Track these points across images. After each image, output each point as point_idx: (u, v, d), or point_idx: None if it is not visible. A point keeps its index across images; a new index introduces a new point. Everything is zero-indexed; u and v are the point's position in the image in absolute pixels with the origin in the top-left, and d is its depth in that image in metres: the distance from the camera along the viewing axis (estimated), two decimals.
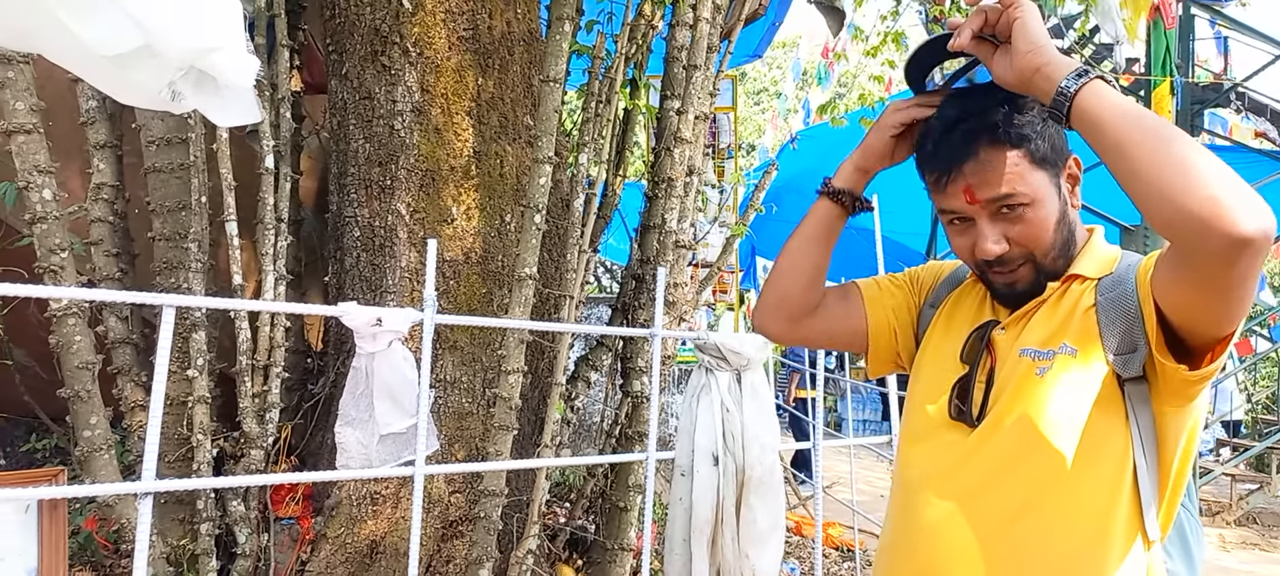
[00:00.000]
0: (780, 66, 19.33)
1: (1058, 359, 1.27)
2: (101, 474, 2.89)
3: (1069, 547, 1.23)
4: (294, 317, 3.66)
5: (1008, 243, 1.31)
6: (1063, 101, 1.12)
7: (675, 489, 2.52)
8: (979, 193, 1.30)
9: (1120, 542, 1.23)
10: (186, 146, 3.22)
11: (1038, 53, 1.15)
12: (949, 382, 1.38)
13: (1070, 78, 1.12)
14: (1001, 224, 1.30)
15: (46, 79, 2.99)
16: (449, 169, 3.43)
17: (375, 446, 2.13)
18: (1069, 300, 1.32)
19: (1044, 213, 1.30)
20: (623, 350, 3.67)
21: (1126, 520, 1.23)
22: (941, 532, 1.31)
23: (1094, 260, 1.35)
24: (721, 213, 7.09)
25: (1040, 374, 1.27)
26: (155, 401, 1.81)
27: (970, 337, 1.39)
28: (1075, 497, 1.23)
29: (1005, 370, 1.32)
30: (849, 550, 5.63)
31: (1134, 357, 1.23)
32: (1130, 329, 1.23)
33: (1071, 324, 1.29)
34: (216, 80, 1.72)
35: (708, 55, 3.49)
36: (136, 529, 1.80)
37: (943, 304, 1.52)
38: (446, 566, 3.24)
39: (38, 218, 2.79)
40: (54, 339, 2.87)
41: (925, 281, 1.60)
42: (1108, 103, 1.10)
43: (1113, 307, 1.26)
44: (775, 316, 1.60)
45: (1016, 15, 1.18)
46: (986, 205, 1.30)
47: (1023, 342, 1.32)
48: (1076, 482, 1.23)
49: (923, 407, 1.42)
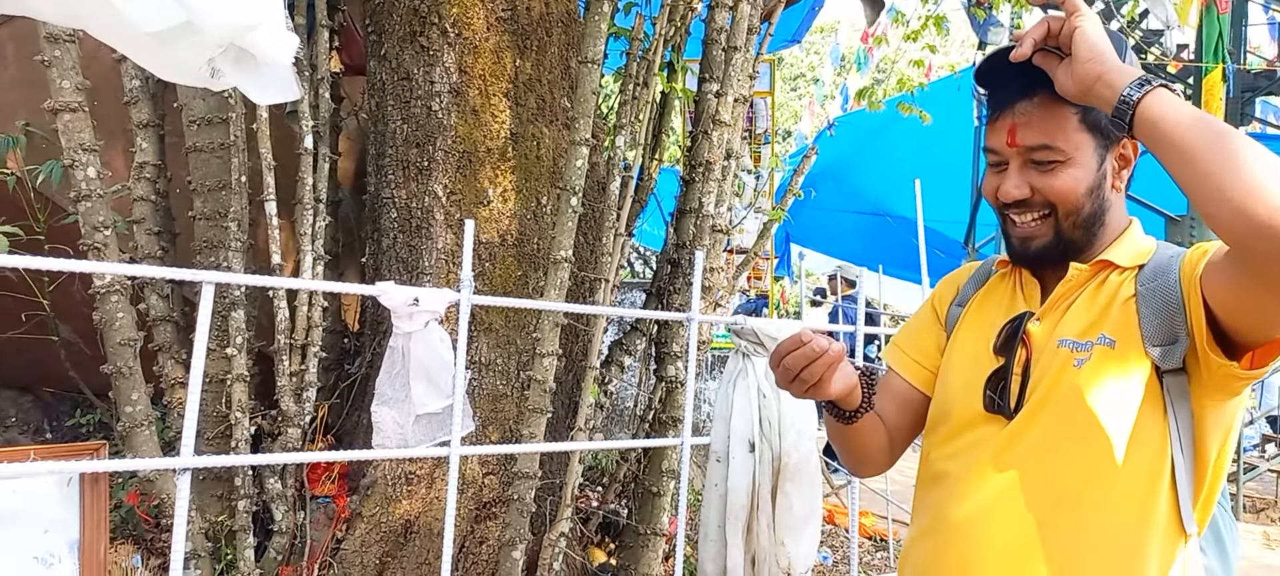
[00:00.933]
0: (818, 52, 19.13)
1: (1096, 350, 1.25)
2: (142, 449, 2.93)
3: (1108, 540, 1.21)
4: (331, 297, 3.69)
5: (1032, 191, 1.30)
6: (1125, 110, 1.11)
7: (711, 475, 2.50)
8: (1020, 136, 1.30)
9: (1159, 536, 1.21)
10: (227, 126, 3.25)
11: (1098, 61, 1.15)
12: (982, 375, 1.35)
13: (1133, 86, 1.11)
14: (1031, 173, 1.30)
15: (92, 59, 3.03)
16: (486, 150, 3.43)
17: (411, 426, 2.14)
18: (1108, 290, 1.30)
19: (1077, 174, 1.29)
20: (657, 335, 3.65)
21: (1165, 513, 1.22)
22: (978, 525, 1.28)
23: (1128, 249, 1.33)
24: (757, 198, 7.04)
25: (1078, 365, 1.25)
26: (194, 378, 1.83)
27: (1004, 329, 1.36)
28: (1114, 490, 1.21)
29: (1042, 361, 1.30)
30: (882, 540, 5.58)
31: (1174, 349, 1.20)
32: (1171, 321, 1.21)
33: (1110, 314, 1.27)
34: (256, 57, 1.72)
35: (748, 37, 3.44)
36: (175, 504, 1.82)
37: (970, 300, 1.50)
38: (479, 547, 3.25)
39: (82, 195, 2.83)
40: (97, 315, 2.91)
41: (945, 294, 1.58)
42: (1171, 111, 1.08)
43: (1154, 298, 1.24)
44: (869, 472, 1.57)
45: (1077, 23, 1.17)
46: (1023, 151, 1.30)
47: (1060, 333, 1.30)
48: (1115, 475, 1.21)
49: (954, 400, 1.39)
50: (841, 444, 1.49)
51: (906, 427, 1.52)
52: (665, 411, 3.55)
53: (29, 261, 1.78)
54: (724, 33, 3.43)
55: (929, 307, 1.58)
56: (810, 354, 1.24)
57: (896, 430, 1.51)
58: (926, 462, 1.43)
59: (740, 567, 2.47)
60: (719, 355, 6.84)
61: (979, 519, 1.28)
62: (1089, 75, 1.15)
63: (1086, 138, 1.28)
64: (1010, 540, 1.25)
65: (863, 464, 1.52)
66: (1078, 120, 1.27)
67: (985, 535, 1.27)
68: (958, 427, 1.37)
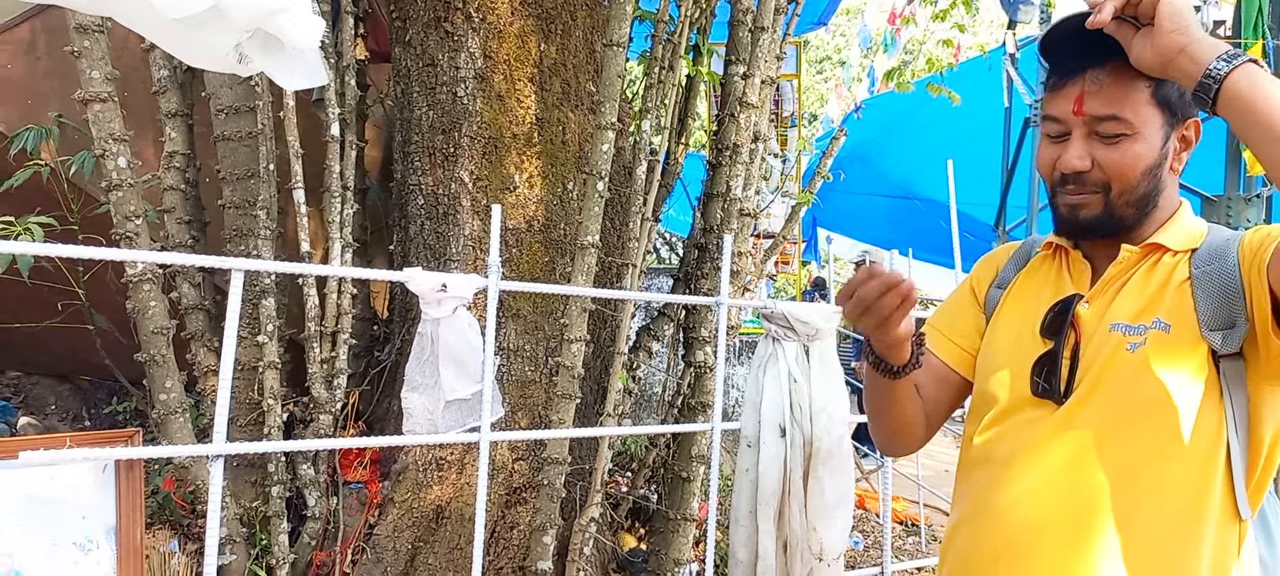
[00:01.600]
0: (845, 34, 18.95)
1: (1150, 334, 1.22)
2: (177, 436, 2.96)
3: (1163, 524, 1.19)
4: (360, 285, 3.70)
5: (1092, 163, 1.26)
6: (1210, 84, 1.07)
7: (741, 460, 2.48)
8: (1088, 105, 1.25)
9: (1213, 519, 1.19)
10: (254, 115, 3.26)
11: (1182, 32, 1.10)
12: (1029, 358, 1.32)
13: (1220, 60, 1.07)
14: (1094, 144, 1.26)
15: (121, 49, 3.05)
16: (511, 136, 3.42)
17: (441, 412, 2.14)
18: (1161, 273, 1.27)
19: (1141, 149, 1.24)
20: (685, 320, 3.63)
21: (1220, 498, 1.20)
22: (1024, 508, 1.26)
23: (1180, 233, 1.29)
24: (784, 182, 6.98)
25: (1131, 349, 1.22)
26: (225, 365, 1.83)
27: (1051, 312, 1.32)
28: (1169, 474, 1.19)
29: (1092, 345, 1.27)
30: (913, 524, 5.54)
31: (1233, 334, 1.18)
32: (1230, 304, 1.19)
33: (1164, 298, 1.24)
34: (282, 42, 1.72)
35: (775, 17, 3.40)
36: (209, 489, 1.83)
37: (1011, 283, 1.46)
38: (510, 532, 3.26)
39: (113, 185, 2.85)
40: (130, 304, 2.94)
41: (984, 275, 1.54)
42: (1262, 88, 1.04)
43: (1210, 282, 1.21)
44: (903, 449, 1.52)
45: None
46: (1088, 121, 1.25)
47: (1112, 317, 1.26)
48: (1170, 459, 1.19)
49: (999, 384, 1.36)
50: (881, 408, 1.45)
51: (942, 406, 1.49)
52: (694, 396, 3.54)
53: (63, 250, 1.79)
54: (750, 14, 3.39)
55: (967, 288, 1.54)
56: (886, 282, 1.20)
57: (932, 406, 1.48)
58: (969, 447, 1.40)
59: (772, 552, 2.45)
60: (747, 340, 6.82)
61: (1025, 502, 1.26)
62: (1172, 46, 1.10)
63: (1155, 113, 1.24)
64: (1059, 523, 1.23)
65: (896, 436, 1.48)
66: (1149, 94, 1.23)
67: (1033, 518, 1.25)
68: (1003, 412, 1.34)
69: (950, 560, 1.39)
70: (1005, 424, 1.33)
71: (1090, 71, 1.25)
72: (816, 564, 2.46)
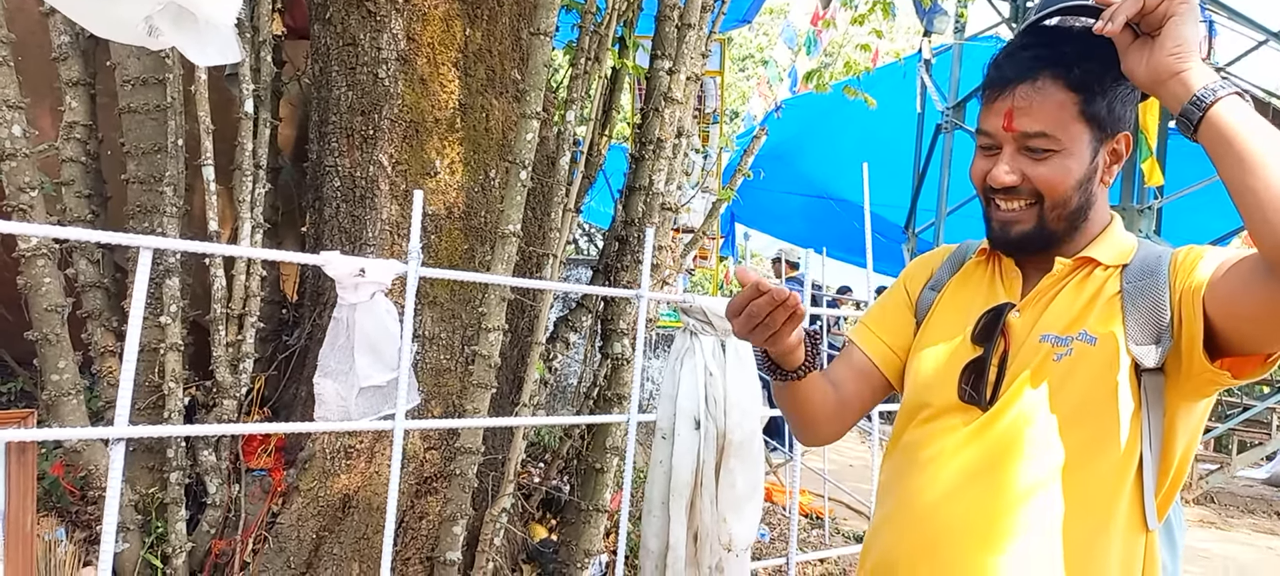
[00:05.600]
0: (767, 33, 19.21)
1: (1076, 346, 1.26)
2: (70, 419, 2.84)
3: (1072, 532, 1.22)
4: (270, 267, 3.60)
5: (1022, 177, 1.29)
6: (1194, 113, 1.09)
7: (655, 451, 2.52)
8: (1017, 121, 1.27)
9: (1123, 530, 1.23)
10: (164, 87, 3.14)
11: (1181, 57, 1.11)
12: (958, 363, 1.35)
13: (1207, 89, 1.09)
14: (1023, 160, 1.29)
15: (17, 11, 2.89)
16: (433, 121, 3.37)
17: (354, 399, 2.10)
18: (1092, 286, 1.30)
19: (1070, 165, 1.27)
20: (603, 312, 3.64)
21: (1129, 508, 1.24)
22: (945, 510, 1.29)
23: (1112, 247, 1.33)
24: (705, 178, 7.06)
25: (1057, 360, 1.26)
26: (129, 348, 1.77)
27: (983, 319, 1.35)
28: (1084, 485, 1.23)
29: (1021, 354, 1.30)
30: (818, 517, 5.68)
31: (1157, 350, 1.21)
32: (1157, 321, 1.22)
33: (1093, 311, 1.28)
34: (196, 17, 1.66)
35: (702, 15, 3.44)
36: (106, 476, 1.76)
37: (945, 285, 1.49)
38: (419, 522, 3.22)
39: (6, 154, 2.71)
40: (22, 280, 2.80)
41: (918, 274, 1.57)
42: (1244, 120, 1.07)
43: (1141, 298, 1.24)
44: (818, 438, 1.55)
45: (1176, 11, 1.11)
46: (1018, 137, 1.28)
47: (1043, 327, 1.30)
48: (1087, 470, 1.23)
49: (928, 387, 1.39)
50: (789, 405, 1.49)
51: (861, 400, 1.53)
52: (609, 388, 3.56)
53: None
54: (677, 10, 3.41)
55: (900, 289, 1.57)
56: (773, 299, 1.23)
57: (850, 399, 1.52)
58: (895, 447, 1.44)
59: (682, 543, 2.50)
60: (663, 333, 6.87)
61: (944, 505, 1.29)
62: (1167, 69, 1.12)
63: (1084, 129, 1.27)
64: (974, 526, 1.26)
65: (810, 427, 1.52)
66: (1078, 110, 1.26)
67: (951, 521, 1.28)
68: (930, 415, 1.37)
69: (872, 558, 1.42)
70: (930, 426, 1.36)
71: (1021, 87, 1.27)
72: (725, 554, 2.51)
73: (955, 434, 1.32)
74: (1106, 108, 1.27)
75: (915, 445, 1.38)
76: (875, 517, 1.47)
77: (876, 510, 1.48)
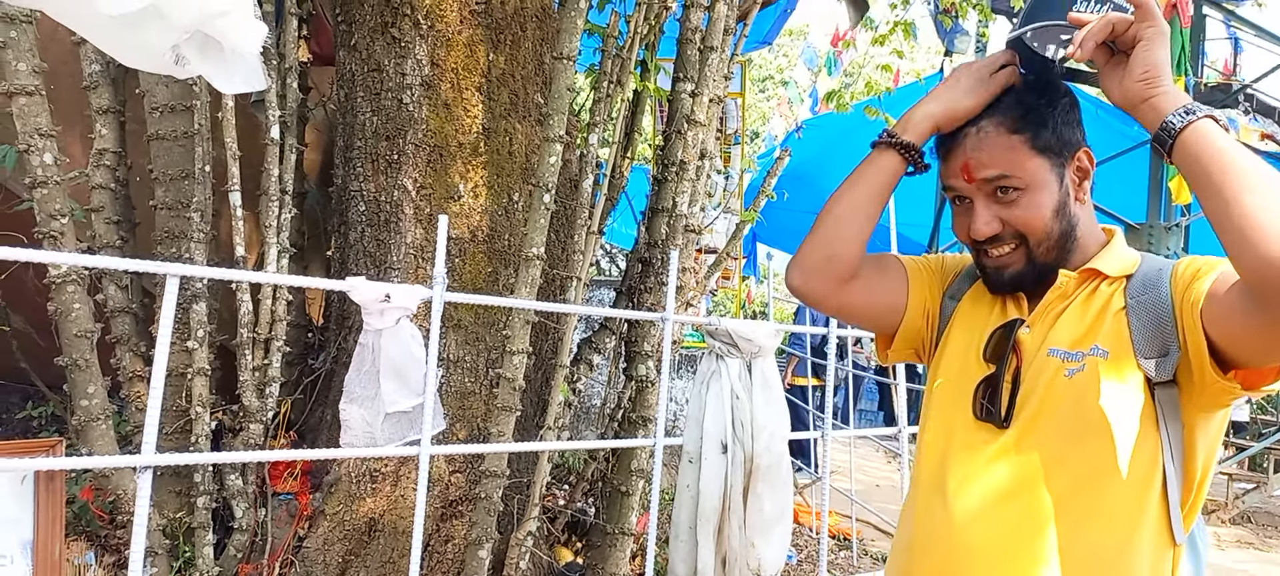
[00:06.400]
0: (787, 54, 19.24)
1: (1088, 361, 1.25)
2: (98, 444, 2.85)
3: (1101, 548, 1.21)
4: (295, 292, 3.62)
5: (1001, 224, 1.31)
6: (1165, 137, 1.11)
7: (683, 475, 2.49)
8: (975, 171, 1.31)
9: (1150, 544, 1.22)
10: (191, 114, 3.17)
11: (1152, 83, 1.14)
12: (973, 381, 1.35)
13: (1177, 114, 1.10)
14: (996, 206, 1.31)
15: (49, 41, 2.93)
16: (457, 145, 3.38)
17: (380, 424, 2.10)
18: (1098, 301, 1.30)
19: (1040, 199, 1.29)
20: (627, 334, 3.63)
21: (1156, 522, 1.22)
22: (969, 531, 1.28)
23: (1115, 260, 1.33)
24: (727, 199, 7.04)
25: (1069, 376, 1.25)
26: (157, 374, 1.77)
27: (994, 336, 1.35)
28: (1108, 499, 1.21)
29: (1032, 371, 1.29)
30: (846, 539, 5.61)
31: (1166, 362, 1.21)
32: (1163, 334, 1.21)
33: (1102, 325, 1.27)
34: (222, 45, 1.67)
35: (724, 37, 3.44)
36: (134, 500, 1.77)
37: (962, 298, 1.49)
38: (445, 546, 3.21)
39: (38, 182, 2.75)
40: (52, 306, 2.82)
41: (949, 269, 1.55)
42: (1213, 145, 1.08)
43: (1145, 311, 1.24)
44: (824, 278, 1.45)
45: (1144, 34, 1.14)
46: (982, 185, 1.31)
47: (1051, 343, 1.29)
48: (1108, 486, 1.21)
49: (946, 405, 1.39)
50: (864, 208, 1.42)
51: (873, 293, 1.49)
52: (634, 410, 3.54)
53: None
54: (699, 33, 3.42)
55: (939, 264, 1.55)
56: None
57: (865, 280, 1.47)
58: (917, 469, 1.42)
59: (711, 568, 2.47)
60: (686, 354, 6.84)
61: (969, 525, 1.28)
62: (1138, 95, 1.15)
63: (1040, 160, 1.28)
64: (1001, 549, 1.25)
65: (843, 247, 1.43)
66: (1027, 145, 1.28)
67: (974, 543, 1.27)
68: (949, 434, 1.36)
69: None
70: (950, 445, 1.35)
71: (969, 137, 1.31)
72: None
73: (975, 455, 1.31)
74: (1053, 135, 1.29)
75: (936, 466, 1.37)
76: (897, 539, 1.46)
77: (898, 531, 1.47)
